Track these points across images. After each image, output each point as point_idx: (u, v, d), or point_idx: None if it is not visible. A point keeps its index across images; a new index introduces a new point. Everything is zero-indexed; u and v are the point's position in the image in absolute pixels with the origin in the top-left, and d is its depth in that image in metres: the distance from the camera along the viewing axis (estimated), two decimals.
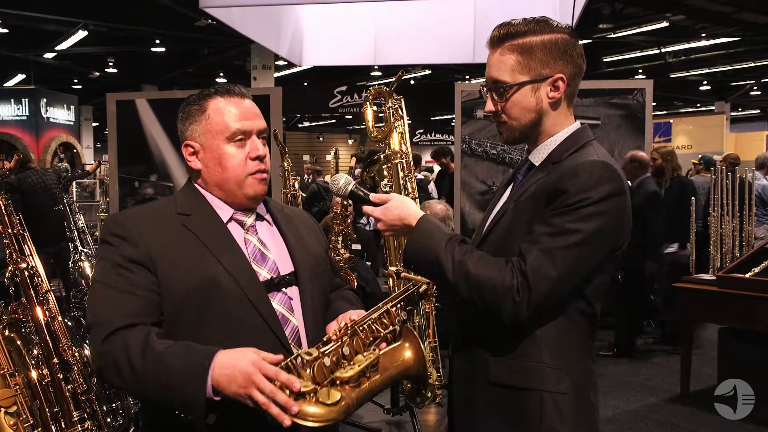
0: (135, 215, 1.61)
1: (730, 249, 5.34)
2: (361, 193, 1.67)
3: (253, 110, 1.62)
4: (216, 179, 1.60)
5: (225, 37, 11.97)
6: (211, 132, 1.58)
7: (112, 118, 6.01)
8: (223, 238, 1.57)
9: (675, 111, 22.81)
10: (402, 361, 1.49)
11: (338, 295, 1.78)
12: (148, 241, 1.51)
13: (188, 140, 1.62)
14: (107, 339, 1.43)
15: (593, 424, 1.58)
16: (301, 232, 1.72)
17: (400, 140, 2.53)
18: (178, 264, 1.50)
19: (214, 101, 1.60)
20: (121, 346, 1.42)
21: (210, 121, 1.59)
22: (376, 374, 1.44)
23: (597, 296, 1.56)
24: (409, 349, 1.50)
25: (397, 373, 1.49)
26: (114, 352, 1.42)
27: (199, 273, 1.49)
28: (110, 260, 1.51)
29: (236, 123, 1.58)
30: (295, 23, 7.87)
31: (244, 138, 1.58)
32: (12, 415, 2.00)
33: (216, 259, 1.52)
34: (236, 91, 1.63)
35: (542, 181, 1.54)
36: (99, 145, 23.98)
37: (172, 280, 1.49)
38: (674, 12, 11.27)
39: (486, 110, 1.63)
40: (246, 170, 1.58)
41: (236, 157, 1.58)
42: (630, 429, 4.19)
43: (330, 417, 1.35)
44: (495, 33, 1.59)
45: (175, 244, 1.53)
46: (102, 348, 1.44)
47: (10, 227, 2.27)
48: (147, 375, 1.39)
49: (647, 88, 6.16)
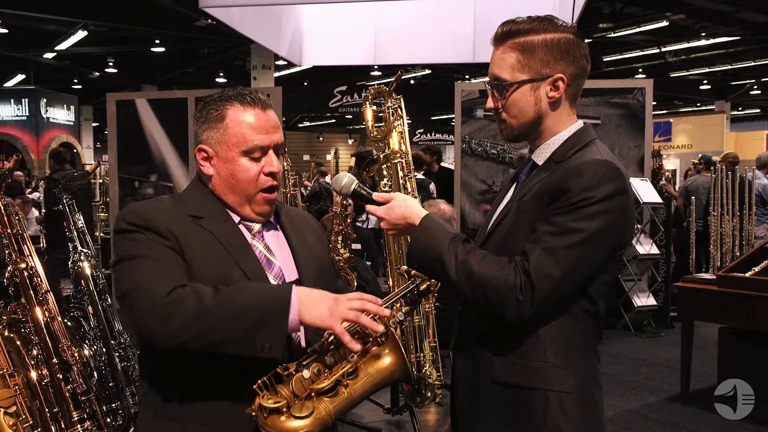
0: (152, 207, 1.56)
1: (730, 248, 5.34)
2: (364, 192, 1.67)
3: (272, 122, 1.58)
4: (227, 189, 1.58)
5: (225, 37, 11.98)
6: (228, 143, 1.55)
7: (112, 118, 6.01)
8: (240, 242, 1.56)
9: (675, 110, 22.81)
10: (383, 367, 1.48)
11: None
12: (174, 231, 1.49)
13: (203, 145, 1.59)
14: (171, 293, 1.38)
15: (598, 423, 1.58)
16: (306, 237, 1.71)
17: (400, 140, 2.53)
18: (201, 260, 1.49)
19: (233, 110, 1.55)
20: (189, 291, 1.38)
21: (228, 132, 1.55)
22: (355, 382, 1.44)
23: (601, 295, 1.56)
24: (390, 355, 1.49)
25: (380, 379, 1.49)
26: (182, 298, 1.37)
27: (221, 273, 1.48)
28: (139, 240, 1.47)
29: (255, 137, 1.54)
30: (295, 23, 7.87)
31: (260, 155, 1.56)
32: (12, 415, 2.00)
33: (236, 263, 1.51)
34: (259, 99, 1.57)
35: (545, 180, 1.53)
36: (99, 145, 23.98)
37: (196, 274, 1.47)
38: (674, 11, 11.27)
39: (486, 107, 1.63)
40: (258, 185, 1.56)
41: (250, 170, 1.55)
42: (630, 428, 4.18)
43: (305, 431, 1.36)
44: (499, 30, 1.58)
45: (195, 240, 1.51)
46: (166, 300, 1.37)
47: (9, 227, 2.27)
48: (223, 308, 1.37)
49: (647, 87, 6.16)
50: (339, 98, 13.77)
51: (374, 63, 10.84)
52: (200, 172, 1.62)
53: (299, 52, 8.19)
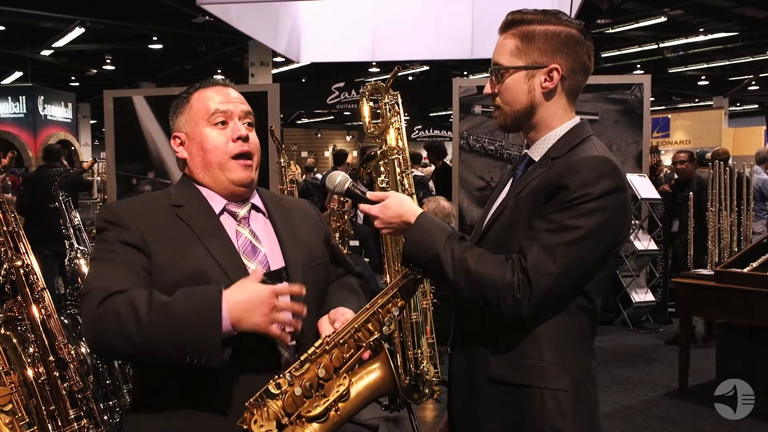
0: (128, 204, 1.61)
1: (728, 244, 5.34)
2: (358, 191, 1.66)
3: (233, 95, 1.65)
4: (200, 164, 1.61)
5: (222, 34, 11.96)
6: (194, 119, 1.61)
7: (110, 116, 5.99)
8: (213, 228, 1.56)
9: (673, 106, 22.82)
10: (373, 382, 1.50)
11: (340, 283, 1.77)
12: (142, 227, 1.51)
13: (175, 131, 1.65)
14: (105, 300, 1.39)
15: (594, 420, 1.57)
16: (297, 225, 1.70)
17: (397, 136, 2.52)
18: (170, 252, 1.50)
19: (197, 92, 1.64)
20: (124, 301, 1.38)
21: (192, 109, 1.62)
22: (346, 405, 1.45)
23: (597, 292, 1.55)
24: (380, 369, 1.50)
25: (370, 396, 1.50)
26: (115, 309, 1.38)
27: (189, 262, 1.49)
28: (106, 242, 1.51)
29: (216, 104, 1.61)
30: (293, 20, 7.86)
31: (225, 119, 1.60)
32: (8, 413, 2.00)
33: (206, 249, 1.51)
34: (219, 81, 1.67)
35: (542, 176, 1.52)
36: (97, 142, 23.96)
37: (165, 267, 1.49)
38: (672, 7, 11.28)
39: (484, 92, 1.64)
40: (228, 152, 1.59)
41: (217, 139, 1.59)
42: (628, 424, 4.19)
43: None
44: (505, 18, 1.60)
45: (167, 232, 1.52)
46: (100, 310, 1.39)
47: (5, 225, 2.26)
48: (155, 323, 1.36)
49: (645, 83, 6.16)
50: (337, 95, 13.77)
51: (372, 59, 10.84)
52: (178, 162, 1.67)
53: (297, 49, 8.18)
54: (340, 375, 1.47)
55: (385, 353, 1.51)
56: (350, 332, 1.50)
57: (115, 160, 6.02)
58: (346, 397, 1.44)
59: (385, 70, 14.95)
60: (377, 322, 1.52)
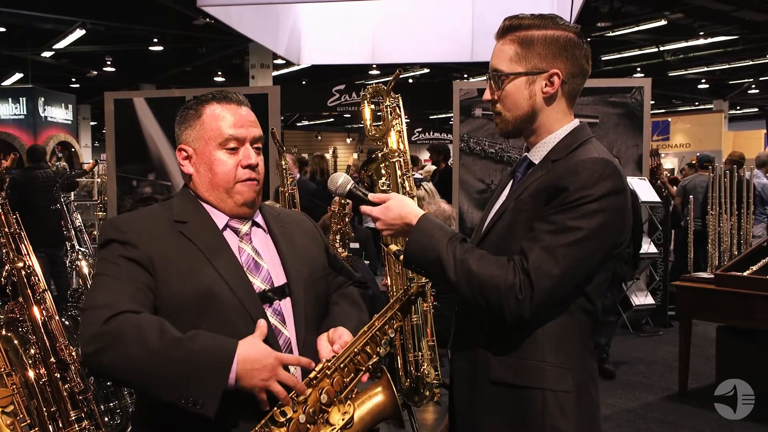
0: (133, 219, 1.60)
1: (728, 247, 5.35)
2: (359, 193, 1.66)
3: (248, 118, 1.61)
4: (206, 184, 1.59)
5: (223, 36, 11.96)
6: (204, 138, 1.58)
7: (110, 117, 6.00)
8: (219, 246, 1.55)
9: (673, 109, 22.84)
10: (375, 407, 1.52)
11: (341, 295, 1.76)
12: (147, 245, 1.49)
13: (182, 144, 1.61)
14: (111, 319, 1.37)
15: (595, 421, 1.58)
16: (296, 240, 1.70)
17: (398, 138, 2.51)
18: (175, 270, 1.49)
19: (210, 107, 1.59)
20: (133, 323, 1.36)
21: (204, 127, 1.58)
22: (350, 431, 1.47)
23: (598, 293, 1.56)
24: (382, 394, 1.52)
25: (371, 420, 1.51)
26: (123, 330, 1.35)
27: (196, 280, 1.48)
28: (111, 258, 1.49)
29: (230, 129, 1.57)
30: (294, 22, 7.86)
31: (237, 146, 1.58)
32: (9, 414, 2.00)
33: (213, 268, 1.50)
34: (233, 97, 1.61)
35: (542, 178, 1.53)
36: (97, 144, 23.97)
37: (171, 285, 1.47)
38: (672, 10, 11.28)
39: (484, 98, 1.64)
40: (236, 177, 1.57)
41: (227, 163, 1.57)
42: (628, 427, 4.19)
43: None
44: (502, 24, 1.60)
45: (172, 249, 1.51)
46: (104, 328, 1.36)
47: (6, 226, 2.26)
48: (162, 354, 1.34)
49: (645, 86, 6.16)
50: (337, 97, 13.78)
51: (373, 62, 10.85)
52: (182, 174, 1.64)
53: (297, 51, 8.18)
54: (344, 401, 1.48)
55: (387, 378, 1.52)
56: (350, 356, 1.51)
57: (115, 162, 6.03)
58: (350, 424, 1.46)
59: (385, 73, 14.96)
60: (375, 345, 1.54)
